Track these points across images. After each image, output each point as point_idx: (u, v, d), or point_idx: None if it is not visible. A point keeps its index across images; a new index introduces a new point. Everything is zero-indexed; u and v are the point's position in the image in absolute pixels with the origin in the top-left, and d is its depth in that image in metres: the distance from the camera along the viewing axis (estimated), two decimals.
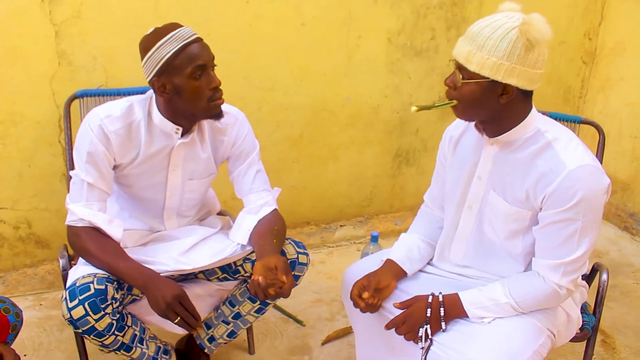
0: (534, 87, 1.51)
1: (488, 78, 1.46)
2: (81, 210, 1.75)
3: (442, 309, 1.63)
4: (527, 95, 1.53)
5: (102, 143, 1.76)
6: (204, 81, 1.72)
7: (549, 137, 1.54)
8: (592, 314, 1.87)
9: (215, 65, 1.76)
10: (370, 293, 1.71)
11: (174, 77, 1.70)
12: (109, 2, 2.39)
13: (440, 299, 1.65)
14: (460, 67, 1.50)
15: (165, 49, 1.68)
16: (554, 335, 1.63)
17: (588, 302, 1.90)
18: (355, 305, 1.74)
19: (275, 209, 1.99)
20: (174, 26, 1.72)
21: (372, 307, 1.73)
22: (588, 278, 1.94)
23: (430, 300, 1.65)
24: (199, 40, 1.72)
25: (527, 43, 1.43)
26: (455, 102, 1.55)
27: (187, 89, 1.71)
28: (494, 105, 1.51)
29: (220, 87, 1.77)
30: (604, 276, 1.88)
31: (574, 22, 3.34)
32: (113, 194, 1.91)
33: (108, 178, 1.81)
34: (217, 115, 1.80)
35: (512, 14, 1.48)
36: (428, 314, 1.63)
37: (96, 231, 1.76)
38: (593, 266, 1.93)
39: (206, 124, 1.89)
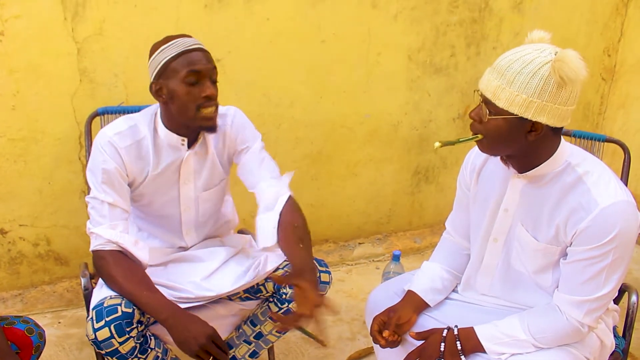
0: (564, 123, 1.45)
1: (516, 115, 1.40)
2: (107, 232, 1.72)
3: (458, 342, 1.58)
4: (556, 130, 1.46)
5: (115, 160, 1.75)
6: (197, 89, 1.71)
7: (580, 171, 1.48)
8: (621, 337, 1.83)
9: (215, 80, 1.76)
10: (390, 331, 1.68)
11: (170, 81, 1.72)
12: (131, 19, 2.40)
13: (456, 332, 1.60)
14: (486, 102, 1.44)
15: (166, 52, 1.72)
16: None
17: (617, 324, 1.86)
18: (375, 341, 1.71)
19: (290, 197, 1.89)
20: (183, 35, 1.76)
21: (392, 344, 1.70)
22: (616, 299, 1.90)
23: (444, 334, 1.60)
24: (201, 49, 1.74)
25: (559, 81, 1.37)
26: (480, 136, 1.48)
27: (179, 93, 1.71)
28: (521, 142, 1.45)
29: (217, 101, 1.76)
30: (634, 298, 1.85)
31: (593, 38, 3.31)
32: (130, 216, 1.88)
33: (125, 196, 1.80)
34: (210, 128, 1.78)
35: (543, 47, 1.41)
36: (442, 349, 1.59)
37: (123, 255, 1.73)
38: (621, 287, 1.88)
39: None
